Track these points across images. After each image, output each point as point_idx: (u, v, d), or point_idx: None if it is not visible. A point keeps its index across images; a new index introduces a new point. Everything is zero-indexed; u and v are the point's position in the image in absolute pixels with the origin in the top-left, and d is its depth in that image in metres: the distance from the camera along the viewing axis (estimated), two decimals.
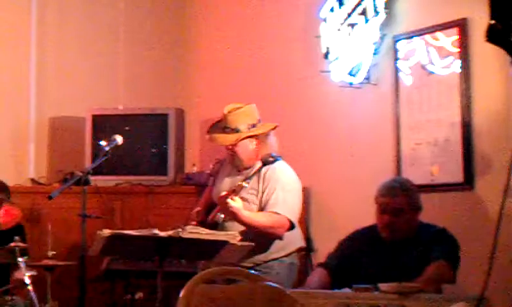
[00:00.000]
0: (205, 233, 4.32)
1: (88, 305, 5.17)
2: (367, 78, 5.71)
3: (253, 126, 4.94)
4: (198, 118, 7.07)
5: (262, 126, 4.97)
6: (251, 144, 4.93)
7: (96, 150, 5.99)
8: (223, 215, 4.75)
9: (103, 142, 5.33)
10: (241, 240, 4.47)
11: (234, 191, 4.62)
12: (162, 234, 4.20)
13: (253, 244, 4.53)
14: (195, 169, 6.71)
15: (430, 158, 5.31)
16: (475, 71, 5.06)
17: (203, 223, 4.84)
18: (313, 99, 6.19)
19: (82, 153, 6.63)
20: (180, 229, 4.21)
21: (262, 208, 4.81)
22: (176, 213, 6.11)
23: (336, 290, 4.09)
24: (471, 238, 4.57)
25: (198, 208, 5.05)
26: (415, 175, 5.08)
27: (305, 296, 3.64)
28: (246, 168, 4.94)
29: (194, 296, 3.12)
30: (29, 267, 5.05)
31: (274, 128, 4.98)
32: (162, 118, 6.73)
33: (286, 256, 4.85)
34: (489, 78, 4.95)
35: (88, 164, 6.27)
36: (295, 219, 4.80)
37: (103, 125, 6.63)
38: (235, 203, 4.62)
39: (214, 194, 5.04)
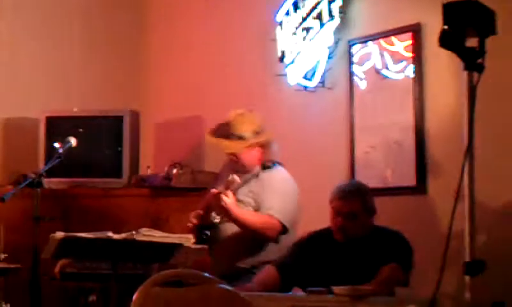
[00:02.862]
0: (158, 236, 4.31)
1: None
2: (322, 82, 5.74)
3: (257, 133, 4.93)
4: (153, 121, 7.05)
5: (265, 133, 4.98)
6: (255, 151, 4.94)
7: (50, 152, 5.93)
8: (218, 219, 4.79)
9: (57, 144, 5.29)
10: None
11: (227, 186, 4.67)
12: (116, 237, 4.19)
13: (206, 246, 4.54)
14: (149, 172, 6.69)
15: (383, 161, 5.35)
16: (429, 76, 5.12)
17: (202, 227, 4.84)
18: (268, 102, 6.19)
19: (36, 155, 6.55)
20: (134, 232, 4.20)
21: (257, 211, 4.84)
22: (130, 216, 6.09)
23: (290, 293, 4.12)
24: (423, 241, 4.61)
25: (200, 211, 4.99)
26: (369, 178, 5.12)
27: (259, 298, 3.64)
28: (247, 172, 4.95)
29: (148, 299, 3.10)
30: None
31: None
32: (116, 120, 6.68)
33: None
34: (442, 83, 5.01)
35: (41, 166, 6.20)
36: (288, 223, 4.79)
37: (57, 126, 6.55)
38: (228, 198, 4.66)
39: None
